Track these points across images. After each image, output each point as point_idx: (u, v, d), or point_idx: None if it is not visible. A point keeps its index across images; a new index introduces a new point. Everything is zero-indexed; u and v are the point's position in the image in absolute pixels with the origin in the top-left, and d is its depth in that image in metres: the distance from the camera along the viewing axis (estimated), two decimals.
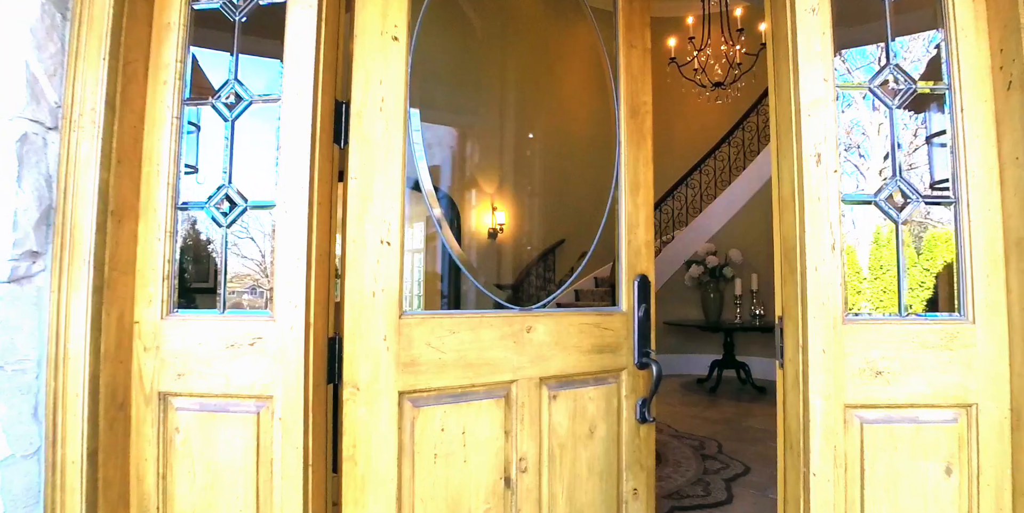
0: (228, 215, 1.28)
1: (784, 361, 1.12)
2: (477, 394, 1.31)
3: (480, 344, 1.30)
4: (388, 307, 1.27)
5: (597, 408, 1.46)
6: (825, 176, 1.07)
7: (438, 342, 1.27)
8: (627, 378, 1.51)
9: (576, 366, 1.41)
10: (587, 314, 1.44)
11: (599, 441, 1.46)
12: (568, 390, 1.40)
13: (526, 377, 1.35)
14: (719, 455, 3.43)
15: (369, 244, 1.27)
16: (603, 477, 1.47)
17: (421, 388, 1.27)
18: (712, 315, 5.97)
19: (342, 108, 1.30)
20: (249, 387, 1.20)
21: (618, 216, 1.59)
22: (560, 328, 1.40)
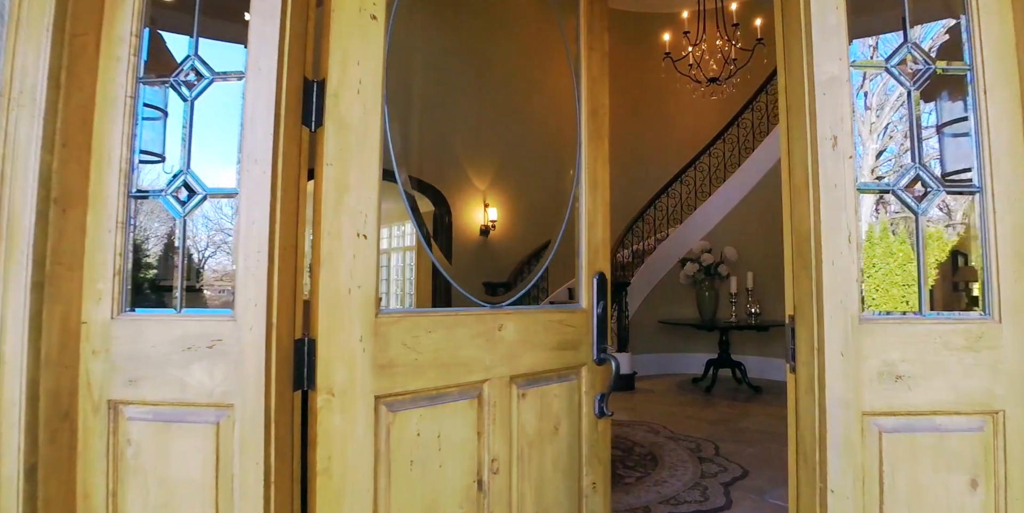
0: (186, 204, 1.17)
1: (796, 364, 1.02)
2: (451, 395, 1.25)
3: (455, 343, 1.24)
4: (364, 305, 1.17)
5: (561, 405, 1.45)
6: (841, 161, 0.97)
7: (414, 342, 1.19)
8: (587, 374, 1.51)
9: (543, 363, 1.40)
10: (552, 311, 1.45)
11: (563, 438, 1.44)
12: (535, 388, 1.39)
13: (497, 376, 1.31)
14: (716, 457, 3.34)
15: (345, 237, 1.16)
16: (566, 473, 1.46)
17: (397, 391, 1.18)
18: (707, 313, 5.89)
19: (313, 87, 1.18)
20: (208, 394, 1.09)
21: (578, 214, 1.61)
22: (528, 326, 1.37)
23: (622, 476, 3.00)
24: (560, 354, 1.44)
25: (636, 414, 4.55)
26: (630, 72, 8.36)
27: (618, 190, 7.88)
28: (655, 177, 7.71)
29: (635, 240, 6.92)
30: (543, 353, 1.40)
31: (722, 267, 5.89)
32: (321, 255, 1.13)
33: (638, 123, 8.37)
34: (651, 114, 8.46)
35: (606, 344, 1.48)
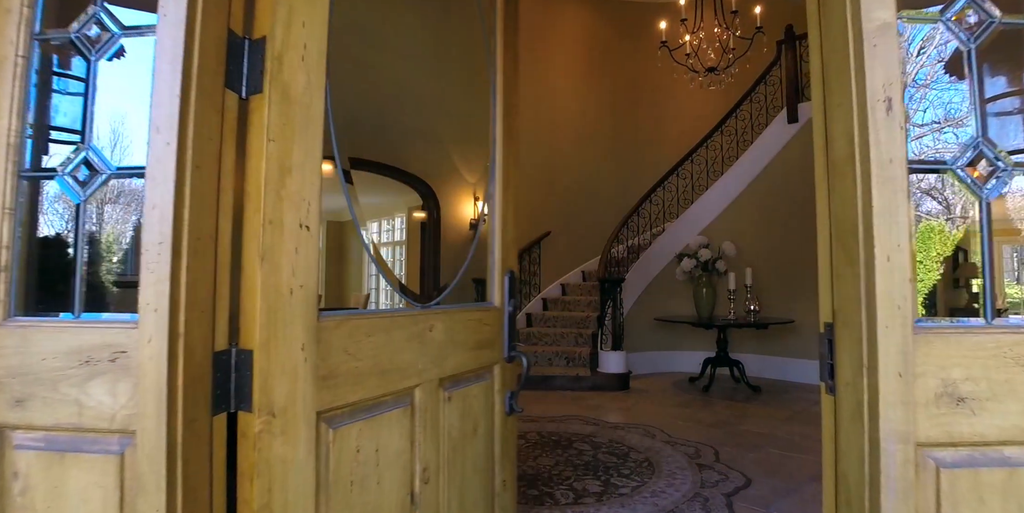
0: (87, 185, 0.95)
1: (837, 385, 0.82)
2: (388, 404, 1.13)
3: (393, 347, 1.14)
4: (307, 308, 0.97)
5: (479, 405, 1.42)
6: (896, 130, 0.77)
7: (355, 348, 1.04)
8: (499, 372, 1.48)
9: (465, 364, 1.36)
10: (471, 310, 1.41)
11: (481, 438, 1.42)
12: (459, 389, 1.34)
13: (427, 380, 1.23)
14: (716, 464, 3.16)
15: (287, 228, 0.95)
16: (483, 474, 1.44)
17: (338, 405, 1.02)
18: (704, 311, 5.71)
19: (244, 46, 0.97)
20: (110, 418, 0.88)
21: (492, 212, 1.58)
22: (453, 325, 1.33)
23: (617, 485, 2.81)
24: (478, 353, 1.40)
25: (631, 416, 4.36)
26: (624, 62, 8.14)
27: (612, 183, 7.73)
28: (650, 170, 7.51)
29: (630, 235, 6.73)
30: (465, 353, 1.36)
31: (720, 263, 5.71)
32: (262, 248, 0.93)
33: (633, 115, 8.17)
34: (646, 105, 8.25)
35: (516, 341, 1.50)
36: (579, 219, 7.42)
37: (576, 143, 7.54)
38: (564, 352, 5.76)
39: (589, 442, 3.57)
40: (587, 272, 7.43)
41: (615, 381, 5.40)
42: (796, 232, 5.97)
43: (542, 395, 5.15)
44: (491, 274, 1.53)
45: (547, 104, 7.24)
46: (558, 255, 7.20)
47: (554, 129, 7.29)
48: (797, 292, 5.91)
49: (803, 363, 5.82)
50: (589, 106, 7.74)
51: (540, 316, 6.53)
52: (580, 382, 5.40)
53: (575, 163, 7.49)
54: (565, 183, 7.35)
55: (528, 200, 6.90)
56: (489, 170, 1.59)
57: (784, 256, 6.04)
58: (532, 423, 4.06)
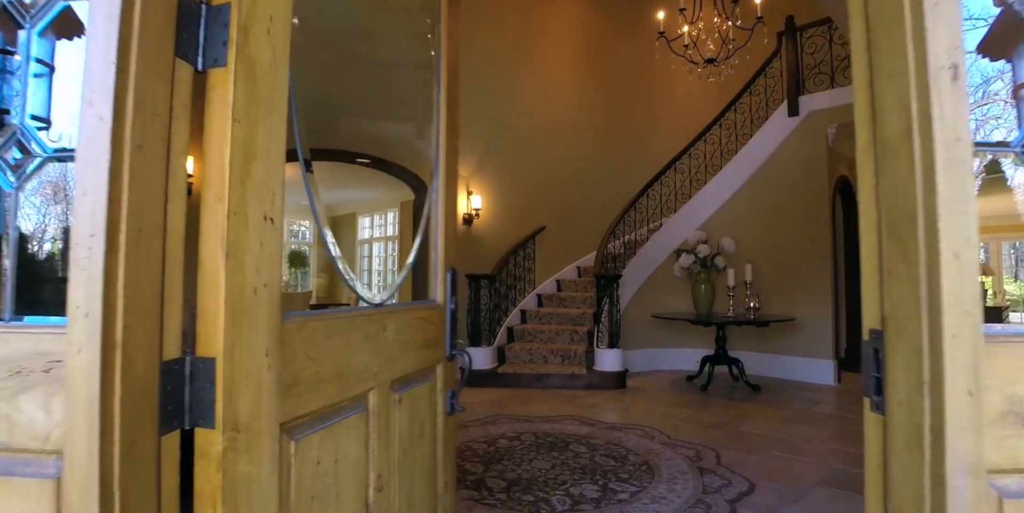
0: (19, 170, 0.82)
1: (887, 402, 0.70)
2: (345, 410, 1.05)
3: (350, 349, 1.05)
4: (271, 309, 0.85)
5: (424, 406, 1.37)
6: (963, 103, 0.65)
7: (315, 351, 0.95)
8: (442, 371, 1.44)
9: (413, 364, 1.30)
10: (418, 308, 1.36)
11: (426, 440, 1.38)
12: (408, 391, 1.28)
13: (380, 383, 1.16)
14: (718, 468, 3.06)
15: (252, 221, 0.83)
16: (428, 476, 1.41)
17: (300, 414, 0.92)
18: (703, 308, 5.60)
19: (201, 10, 0.84)
20: (43, 437, 0.75)
21: (434, 206, 1.51)
22: (405, 325, 1.27)
23: (616, 491, 2.70)
24: (424, 353, 1.35)
25: (628, 416, 4.26)
26: (621, 54, 8.01)
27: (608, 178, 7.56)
28: (648, 164, 7.39)
29: (626, 230, 6.61)
30: (414, 352, 1.30)
31: (719, 259, 5.60)
32: (226, 243, 0.80)
33: (630, 108, 8.04)
34: (643, 98, 8.12)
35: (457, 339, 1.46)
36: (574, 214, 7.30)
37: (572, 136, 7.41)
38: (559, 349, 5.64)
39: (586, 444, 3.46)
40: (582, 268, 7.31)
41: (611, 379, 5.30)
42: (797, 227, 5.87)
43: (537, 394, 5.04)
44: (433, 270, 1.46)
45: (543, 97, 7.10)
46: (553, 250, 7.08)
47: (550, 122, 7.16)
48: (797, 289, 5.82)
49: (803, 361, 5.74)
50: (585, 99, 7.60)
51: (535, 313, 6.41)
52: (576, 380, 5.29)
53: (571, 157, 7.36)
54: (560, 177, 7.22)
55: (522, 194, 6.77)
56: (434, 162, 1.49)
57: (784, 252, 5.94)
58: (527, 423, 3.95)
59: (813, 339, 5.68)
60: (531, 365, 5.56)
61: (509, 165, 6.66)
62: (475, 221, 6.20)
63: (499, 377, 5.38)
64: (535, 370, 5.37)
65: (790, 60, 6.07)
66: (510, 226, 6.58)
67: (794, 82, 6.01)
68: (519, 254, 6.60)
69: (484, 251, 6.27)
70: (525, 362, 5.67)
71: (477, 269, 6.06)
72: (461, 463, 3.07)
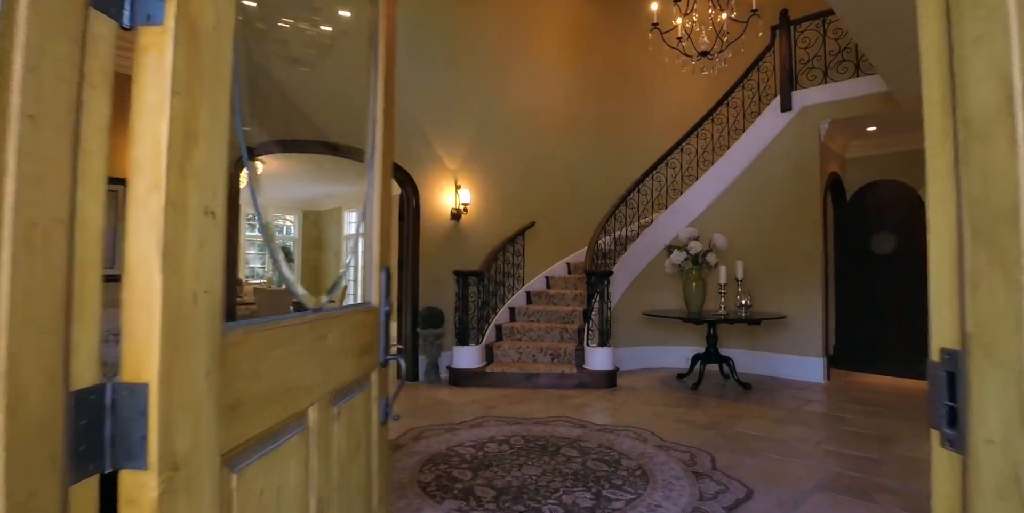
0: None
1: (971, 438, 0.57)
2: (288, 430, 0.93)
3: (294, 361, 0.93)
4: (212, 320, 0.71)
5: (360, 417, 1.25)
6: None
7: (260, 366, 0.82)
8: (376, 379, 1.32)
9: (351, 373, 1.17)
10: (356, 312, 1.23)
11: (362, 453, 1.27)
12: (346, 402, 1.15)
13: (320, 396, 1.03)
14: (714, 472, 2.95)
15: (192, 214, 0.68)
16: (363, 492, 1.30)
17: (242, 441, 0.79)
18: (694, 305, 5.51)
19: None
20: None
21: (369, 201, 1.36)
22: (342, 330, 1.14)
23: (610, 498, 2.58)
24: (360, 360, 1.23)
25: (620, 417, 4.15)
26: (612, 47, 7.87)
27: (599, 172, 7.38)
28: (639, 159, 7.28)
29: (617, 226, 6.50)
30: (352, 360, 1.18)
31: (711, 255, 5.50)
32: (163, 241, 0.65)
33: (621, 102, 7.91)
34: (634, 92, 8.00)
35: (391, 344, 1.24)
36: (564, 209, 7.17)
37: (561, 130, 7.27)
38: (549, 348, 5.52)
39: (577, 447, 3.34)
40: (572, 264, 7.19)
41: (602, 378, 5.19)
42: (788, 224, 5.79)
43: (526, 394, 4.92)
44: (369, 270, 1.33)
45: (533, 90, 6.94)
46: (542, 247, 6.95)
47: (539, 116, 7.01)
48: (788, 286, 5.75)
49: (793, 359, 5.68)
50: (577, 92, 7.46)
51: (524, 310, 6.28)
52: (566, 380, 5.17)
53: (561, 151, 7.22)
54: (550, 172, 7.08)
55: (512, 189, 6.62)
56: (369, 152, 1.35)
57: (775, 249, 5.86)
58: (516, 425, 3.82)
59: (803, 337, 5.61)
60: (520, 364, 5.43)
61: (499, 159, 6.50)
62: (463, 216, 6.04)
63: (487, 376, 5.25)
64: (524, 369, 5.25)
65: (783, 54, 5.97)
66: (499, 221, 6.43)
67: (787, 77, 5.92)
68: (508, 250, 6.46)
69: (472, 247, 6.12)
70: (514, 361, 5.54)
71: (465, 265, 5.91)
72: (448, 470, 2.93)
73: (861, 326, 6.09)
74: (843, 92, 5.57)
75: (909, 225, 5.83)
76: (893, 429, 3.85)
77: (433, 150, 5.84)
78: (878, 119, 5.75)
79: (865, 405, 4.57)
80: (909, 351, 5.74)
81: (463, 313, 5.44)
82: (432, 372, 5.45)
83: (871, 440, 3.59)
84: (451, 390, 5.09)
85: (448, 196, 5.93)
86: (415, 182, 5.62)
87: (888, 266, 5.93)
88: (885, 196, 6.01)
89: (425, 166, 5.74)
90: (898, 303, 5.84)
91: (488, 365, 5.42)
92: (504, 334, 5.96)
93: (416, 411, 4.30)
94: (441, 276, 5.76)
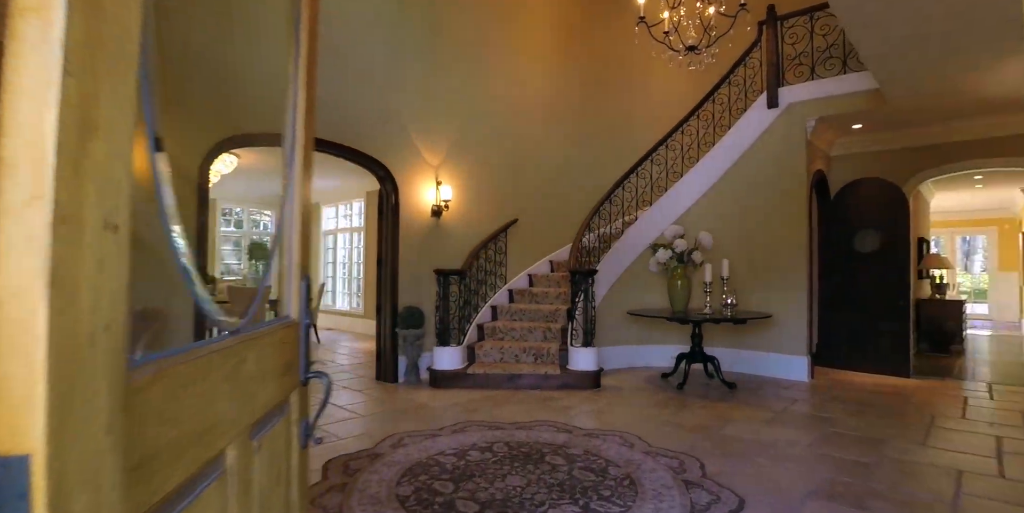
0: None
1: None
2: (203, 478, 0.77)
3: (212, 396, 0.77)
4: (115, 362, 0.55)
5: (281, 445, 1.09)
6: None
7: (174, 408, 0.66)
8: (296, 400, 1.16)
9: (272, 398, 1.01)
10: (276, 329, 1.07)
11: (282, 484, 1.12)
12: (266, 433, 1.00)
13: (239, 431, 0.87)
14: (704, 480, 2.86)
15: (90, 229, 0.52)
16: None
17: (155, 501, 0.63)
18: (679, 304, 5.43)
19: None
20: None
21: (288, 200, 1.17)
22: (263, 352, 0.98)
23: (597, 511, 2.47)
24: (282, 381, 1.07)
25: (605, 421, 4.05)
26: (597, 42, 7.75)
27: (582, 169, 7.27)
28: (624, 155, 7.18)
29: (601, 223, 6.40)
30: (272, 384, 1.02)
31: (696, 254, 5.43)
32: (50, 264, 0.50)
33: (605, 98, 7.80)
34: (619, 88, 7.89)
35: (311, 359, 1.20)
36: (548, 206, 7.05)
37: (545, 126, 7.13)
38: (532, 348, 5.41)
39: (563, 454, 3.23)
40: (555, 262, 7.08)
41: (586, 379, 5.09)
42: (774, 222, 5.74)
43: (509, 395, 4.80)
44: (287, 279, 1.18)
45: (517, 84, 6.79)
46: (525, 244, 6.82)
47: (523, 111, 6.86)
48: (773, 284, 5.71)
49: (777, 357, 5.64)
50: (561, 88, 7.32)
51: (506, 309, 6.16)
52: (549, 380, 5.07)
53: (544, 147, 7.09)
54: (533, 168, 6.94)
55: (494, 186, 6.47)
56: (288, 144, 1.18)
57: (761, 247, 5.82)
58: (499, 431, 3.70)
59: (788, 335, 5.58)
60: (503, 365, 5.31)
61: (481, 155, 6.35)
62: (444, 213, 5.89)
63: (469, 378, 5.11)
64: (507, 370, 5.12)
65: (770, 50, 5.91)
66: (481, 218, 6.29)
67: (774, 73, 5.85)
68: (490, 248, 6.32)
69: (454, 244, 5.97)
70: (496, 361, 5.42)
71: (446, 264, 5.76)
72: (429, 481, 2.80)
73: (843, 324, 6.08)
74: (830, 89, 5.52)
75: (892, 222, 5.82)
76: (880, 430, 3.81)
77: (413, 145, 5.66)
78: (864, 116, 5.72)
79: (850, 404, 4.54)
80: (890, 349, 5.75)
81: (444, 313, 5.29)
82: (412, 374, 5.30)
83: (860, 442, 3.54)
84: (432, 392, 4.95)
85: (429, 192, 5.77)
86: (394, 178, 5.45)
87: (870, 263, 5.93)
88: (869, 193, 5.99)
89: (405, 161, 5.57)
90: (880, 301, 5.84)
91: (470, 366, 5.29)
92: (486, 334, 5.83)
93: (395, 415, 4.16)
94: (421, 275, 5.60)
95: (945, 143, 6.26)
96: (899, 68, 4.32)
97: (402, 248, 5.50)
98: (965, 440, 3.62)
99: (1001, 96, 5.02)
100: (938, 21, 3.48)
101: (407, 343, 5.29)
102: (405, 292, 5.49)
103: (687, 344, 6.04)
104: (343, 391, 5.00)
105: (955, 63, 4.18)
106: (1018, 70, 4.31)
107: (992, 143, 6.01)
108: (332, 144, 4.94)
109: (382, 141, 5.35)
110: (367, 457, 3.18)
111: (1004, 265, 12.13)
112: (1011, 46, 3.82)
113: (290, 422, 1.13)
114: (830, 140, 6.48)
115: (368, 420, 4.05)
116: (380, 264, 5.50)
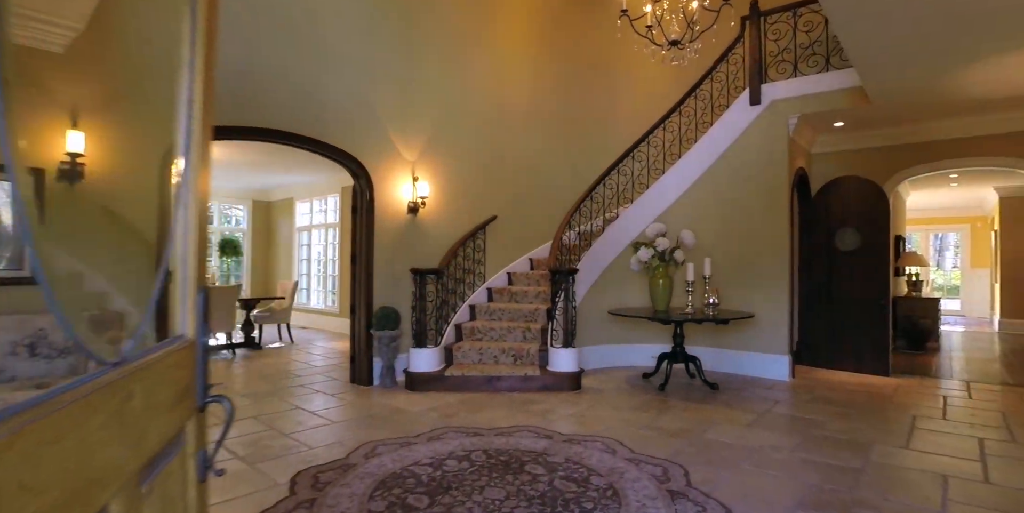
0: None
1: None
2: None
3: (89, 447, 0.61)
4: None
5: (176, 484, 0.95)
6: None
7: (37, 474, 0.50)
8: (192, 429, 1.01)
9: (165, 433, 0.87)
10: (169, 352, 0.91)
11: None
12: (159, 474, 0.86)
13: (126, 480, 0.72)
14: (689, 489, 2.76)
15: None
16: None
17: None
18: (661, 303, 5.35)
19: None
20: None
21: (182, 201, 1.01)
22: (156, 383, 0.84)
23: None
24: (175, 411, 0.92)
25: (586, 425, 3.94)
26: (578, 37, 7.61)
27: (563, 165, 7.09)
28: (605, 152, 7.07)
29: (582, 220, 6.28)
30: (164, 417, 0.87)
31: (678, 252, 5.34)
32: None
33: (588, 92, 7.67)
34: (600, 83, 7.77)
35: (209, 381, 1.06)
36: (527, 203, 6.91)
37: (525, 120, 6.98)
38: (511, 349, 5.28)
39: (543, 463, 3.10)
40: (535, 260, 6.96)
41: (566, 381, 4.98)
42: (756, 220, 5.69)
43: (488, 398, 4.66)
44: (181, 292, 1.02)
45: (496, 78, 6.62)
46: (504, 241, 6.68)
47: (502, 105, 6.70)
48: (755, 283, 5.66)
49: (759, 357, 5.60)
50: (542, 82, 7.17)
51: (485, 308, 6.01)
52: (529, 382, 4.94)
53: (524, 143, 6.94)
54: (512, 163, 6.79)
55: (473, 182, 6.31)
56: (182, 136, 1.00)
57: (743, 245, 5.76)
58: (477, 438, 3.56)
59: (770, 334, 5.54)
60: (481, 366, 5.17)
61: (459, 150, 6.18)
62: (421, 210, 5.71)
63: (446, 380, 4.97)
64: (485, 372, 4.99)
65: (753, 46, 5.83)
66: (459, 215, 6.12)
67: (757, 69, 5.78)
68: (469, 246, 6.17)
69: (431, 242, 5.80)
70: (475, 363, 5.28)
71: (423, 262, 5.60)
72: (403, 495, 2.65)
73: (823, 322, 6.07)
74: (812, 86, 5.46)
75: (872, 221, 5.81)
76: (863, 433, 3.76)
77: (389, 140, 5.47)
78: (846, 114, 5.69)
79: (832, 405, 4.50)
80: (869, 347, 5.75)
81: (421, 314, 5.13)
82: (388, 376, 5.13)
83: (843, 446, 3.48)
84: (408, 396, 4.79)
85: (405, 188, 5.58)
86: (369, 174, 5.25)
87: (850, 262, 5.91)
88: (850, 192, 5.97)
89: (380, 156, 5.37)
90: (859, 299, 5.83)
91: (447, 367, 5.14)
92: (464, 334, 5.69)
93: (369, 421, 4.00)
94: (397, 273, 5.43)
95: (925, 142, 6.28)
96: (888, 66, 4.26)
97: (377, 246, 5.32)
98: (948, 442, 3.59)
99: (980, 96, 5.01)
100: (927, 21, 3.41)
101: (382, 345, 5.12)
102: (380, 292, 5.31)
103: (669, 343, 5.97)
104: (316, 395, 4.82)
105: (941, 62, 4.14)
106: (997, 70, 4.29)
107: (971, 142, 6.03)
108: (302, 138, 4.72)
109: (356, 135, 5.15)
110: (339, 468, 3.02)
111: (976, 262, 12.35)
112: (992, 46, 3.78)
113: (186, 455, 0.98)
114: (811, 138, 6.45)
115: (341, 427, 3.88)
116: (354, 263, 5.31)
